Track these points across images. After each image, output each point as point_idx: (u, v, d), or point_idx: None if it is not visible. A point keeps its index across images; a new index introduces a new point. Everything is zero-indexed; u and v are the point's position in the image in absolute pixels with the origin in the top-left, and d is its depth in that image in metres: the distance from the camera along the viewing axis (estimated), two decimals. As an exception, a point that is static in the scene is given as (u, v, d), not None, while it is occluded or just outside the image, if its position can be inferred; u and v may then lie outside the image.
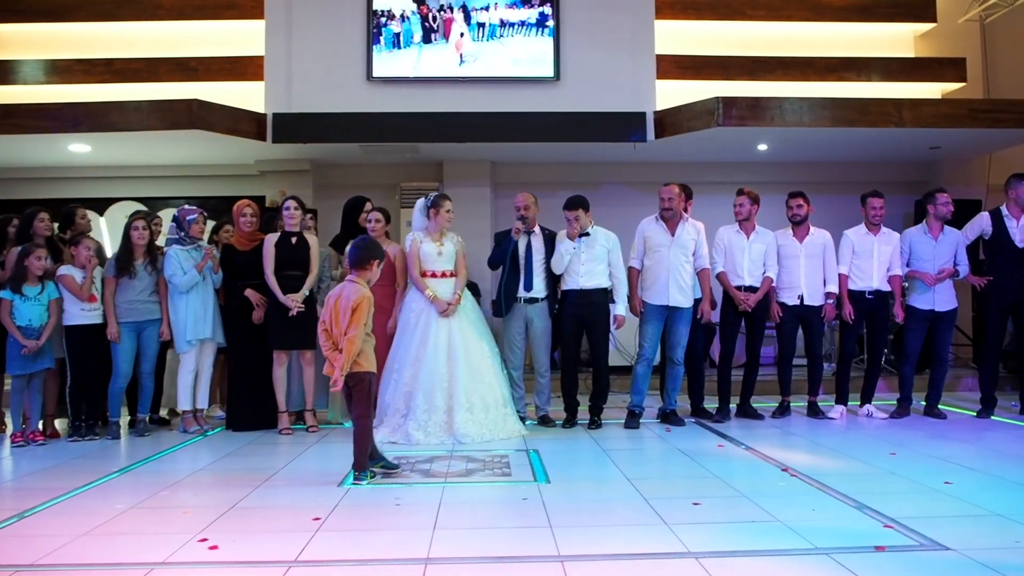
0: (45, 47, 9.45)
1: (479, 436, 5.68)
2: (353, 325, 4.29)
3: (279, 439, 5.91)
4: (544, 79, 8.84)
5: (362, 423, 4.40)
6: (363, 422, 4.40)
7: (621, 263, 6.27)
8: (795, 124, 8.29)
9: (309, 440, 5.86)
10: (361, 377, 4.38)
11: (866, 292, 6.52)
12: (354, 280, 4.44)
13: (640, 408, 6.27)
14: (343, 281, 6.46)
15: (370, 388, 4.47)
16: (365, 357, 4.41)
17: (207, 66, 9.32)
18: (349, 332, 4.28)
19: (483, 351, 5.97)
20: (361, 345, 4.37)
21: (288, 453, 5.33)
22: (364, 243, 4.65)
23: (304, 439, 5.89)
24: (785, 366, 6.67)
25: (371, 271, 4.49)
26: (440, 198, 6.12)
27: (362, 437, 4.40)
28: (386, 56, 8.83)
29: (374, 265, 4.50)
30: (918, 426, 6.11)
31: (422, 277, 6.02)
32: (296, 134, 8.80)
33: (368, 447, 4.43)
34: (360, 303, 4.33)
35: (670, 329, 6.27)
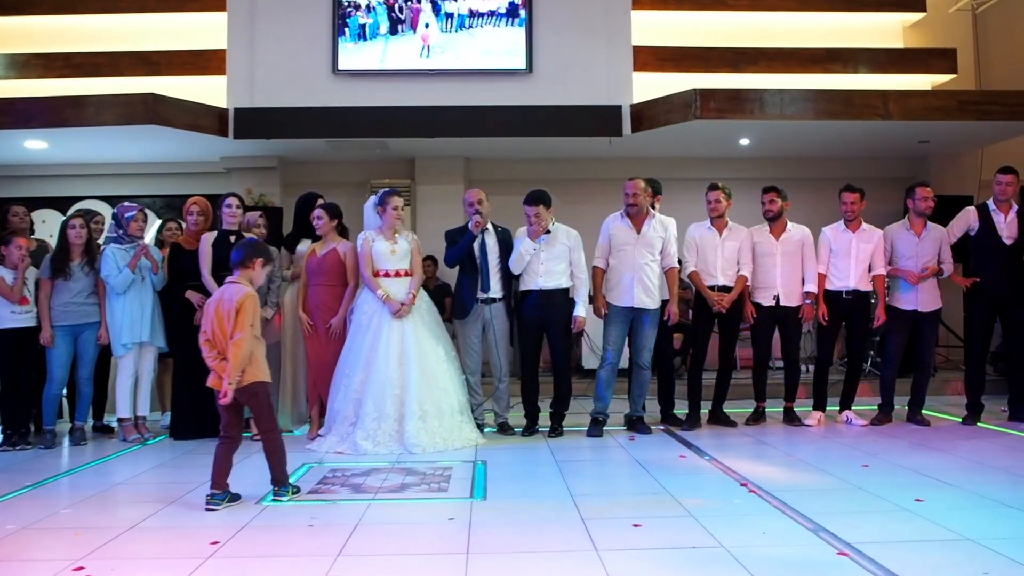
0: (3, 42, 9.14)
1: (431, 446, 5.34)
2: (238, 328, 3.90)
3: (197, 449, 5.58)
4: (516, 71, 8.50)
5: (271, 437, 4.04)
6: (272, 436, 4.04)
7: (583, 262, 5.93)
8: (776, 117, 7.94)
9: (252, 449, 5.48)
10: (254, 390, 3.99)
11: (843, 292, 6.16)
12: (235, 280, 4.06)
13: (603, 415, 5.92)
14: (292, 282, 6.31)
15: (268, 399, 4.09)
16: (256, 365, 4.01)
17: (169, 60, 9.00)
18: (235, 335, 3.90)
19: (438, 355, 5.64)
20: (250, 349, 3.95)
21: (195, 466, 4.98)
22: (249, 242, 4.32)
23: (246, 448, 5.50)
24: (760, 370, 6.32)
25: (254, 271, 4.10)
26: (388, 195, 5.79)
27: (275, 451, 4.04)
28: (352, 48, 8.50)
29: (257, 265, 4.11)
30: (898, 434, 5.75)
31: (375, 277, 5.69)
32: (259, 130, 8.48)
33: (284, 459, 4.06)
34: (244, 303, 3.93)
35: (636, 332, 5.93)
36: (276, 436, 4.05)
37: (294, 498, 4.07)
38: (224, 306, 3.93)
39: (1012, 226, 6.09)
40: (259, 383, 3.99)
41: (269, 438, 4.03)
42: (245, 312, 3.90)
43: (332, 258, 5.92)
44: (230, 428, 4.02)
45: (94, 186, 9.64)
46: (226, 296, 3.97)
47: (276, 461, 4.03)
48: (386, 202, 5.76)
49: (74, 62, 8.98)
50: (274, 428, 4.06)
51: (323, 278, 5.89)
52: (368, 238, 5.77)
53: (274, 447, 4.03)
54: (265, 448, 4.05)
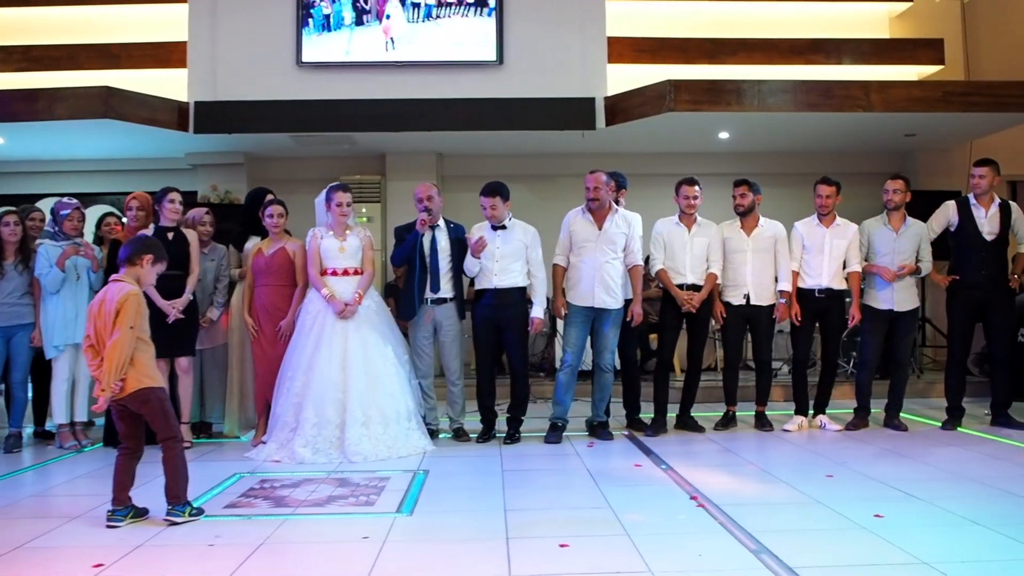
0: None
1: (374, 453, 5.06)
2: (117, 328, 3.58)
3: (154, 456, 5.27)
4: (486, 63, 8.20)
5: (169, 446, 3.71)
6: (171, 445, 3.71)
7: (540, 260, 5.64)
8: (753, 109, 7.62)
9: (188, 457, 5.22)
10: (144, 396, 3.66)
11: (816, 290, 5.85)
12: (119, 278, 3.75)
13: (563, 420, 5.62)
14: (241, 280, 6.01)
15: (162, 405, 3.73)
16: (143, 370, 3.68)
17: (129, 52, 8.73)
18: (113, 336, 3.60)
19: (386, 357, 5.35)
20: (130, 353, 3.62)
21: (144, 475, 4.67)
22: (140, 238, 4.00)
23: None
24: (730, 372, 6.02)
25: (141, 268, 3.78)
26: (334, 190, 5.50)
27: (172, 463, 3.71)
28: (316, 40, 8.21)
29: (145, 261, 3.78)
30: (872, 440, 5.44)
31: (323, 276, 5.41)
32: (220, 124, 8.19)
33: (183, 474, 3.73)
34: (125, 302, 3.61)
35: (597, 333, 5.63)
36: (175, 447, 3.72)
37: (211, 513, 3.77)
38: (107, 306, 3.62)
39: (993, 221, 5.77)
40: (148, 389, 3.66)
41: (167, 448, 3.70)
42: (126, 312, 3.59)
43: (281, 257, 5.63)
44: (128, 439, 3.73)
45: (55, 183, 9.33)
46: (108, 295, 3.66)
47: (173, 475, 3.69)
48: (330, 198, 5.48)
49: (32, 55, 8.71)
50: (172, 437, 3.72)
51: (271, 278, 5.60)
52: (316, 234, 5.48)
53: (172, 459, 3.70)
54: (163, 459, 3.73)
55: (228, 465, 4.95)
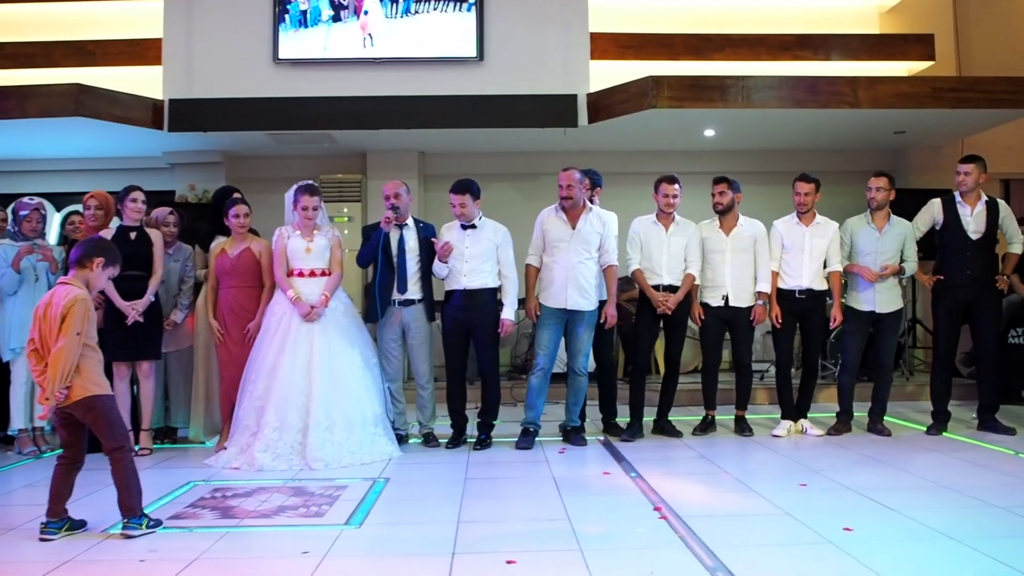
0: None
1: (337, 459, 4.90)
2: (63, 334, 3.41)
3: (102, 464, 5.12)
4: (466, 59, 8.02)
5: (117, 458, 3.56)
6: (119, 456, 3.55)
7: (511, 260, 5.48)
8: (737, 105, 7.44)
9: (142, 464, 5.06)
10: (90, 404, 3.49)
11: (796, 291, 5.67)
12: (67, 281, 3.58)
13: (535, 425, 5.45)
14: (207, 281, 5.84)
15: (109, 414, 3.55)
16: (89, 377, 3.50)
17: (105, 49, 8.56)
18: (58, 342, 3.42)
19: (352, 361, 5.19)
20: (76, 360, 3.44)
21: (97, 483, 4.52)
22: (93, 239, 3.83)
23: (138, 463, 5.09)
24: (709, 376, 5.85)
25: (92, 271, 3.61)
26: (301, 191, 5.34)
27: (122, 474, 3.55)
28: (292, 36, 8.05)
29: (96, 264, 3.61)
30: (853, 446, 5.27)
31: (289, 277, 5.25)
32: (195, 122, 8.03)
33: (134, 485, 3.57)
34: (72, 306, 3.44)
35: (570, 335, 5.47)
36: (123, 457, 3.56)
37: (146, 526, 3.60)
38: (52, 310, 3.46)
39: (979, 219, 5.60)
40: (94, 397, 3.51)
41: (115, 459, 3.55)
42: (73, 317, 3.43)
43: (246, 258, 5.47)
44: (68, 448, 3.58)
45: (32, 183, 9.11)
46: (55, 299, 3.50)
47: (124, 486, 3.53)
48: (297, 200, 5.33)
49: (6, 52, 8.55)
50: (120, 448, 3.57)
51: (237, 279, 5.44)
52: (283, 234, 5.33)
53: (121, 470, 3.55)
54: (112, 471, 3.57)
55: (184, 472, 4.79)
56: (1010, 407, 6.58)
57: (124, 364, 5.41)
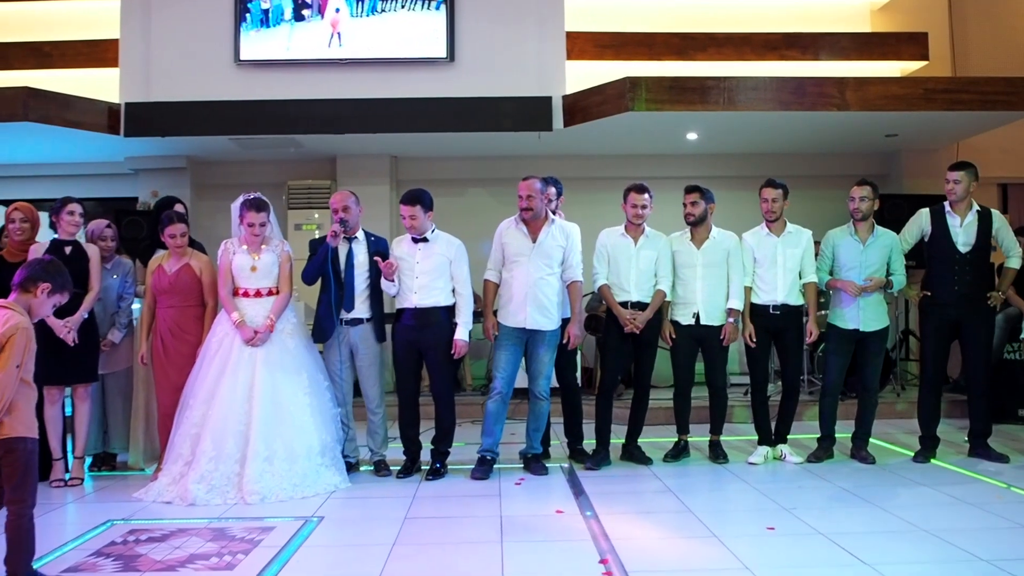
0: None
1: (276, 493, 4.54)
2: (0, 366, 3.07)
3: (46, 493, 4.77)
4: (436, 60, 7.67)
5: (19, 512, 3.11)
6: (21, 510, 3.11)
7: (466, 276, 5.10)
8: (719, 107, 7.07)
9: (66, 497, 4.75)
10: (13, 445, 3.11)
11: (770, 306, 5.29)
12: (7, 304, 3.21)
13: (492, 453, 5.09)
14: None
15: (29, 460, 3.16)
16: (19, 416, 3.13)
17: (63, 51, 8.23)
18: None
19: (298, 387, 4.83)
20: (12, 394, 3.09)
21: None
22: (40, 261, 3.47)
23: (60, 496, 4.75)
24: (681, 398, 5.47)
25: (35, 297, 3.25)
26: (247, 207, 4.98)
27: (17, 530, 3.12)
28: (254, 36, 7.70)
29: (41, 291, 3.26)
30: (833, 476, 4.89)
31: (234, 296, 4.89)
32: (153, 127, 7.68)
33: (28, 543, 3.16)
34: (13, 335, 3.09)
35: (530, 356, 5.10)
36: (24, 513, 3.11)
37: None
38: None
39: (969, 231, 5.21)
40: (21, 439, 3.12)
41: (13, 512, 3.12)
42: (12, 347, 3.05)
43: (186, 275, 5.12)
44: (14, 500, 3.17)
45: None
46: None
47: (15, 544, 3.11)
48: (242, 216, 4.96)
49: (-40, 54, 8.21)
50: (23, 501, 3.12)
51: (175, 298, 5.08)
52: (228, 249, 4.96)
53: (18, 526, 3.12)
54: (6, 524, 3.16)
55: (107, 508, 4.44)
56: (1006, 427, 6.21)
57: (56, 388, 5.06)
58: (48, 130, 7.37)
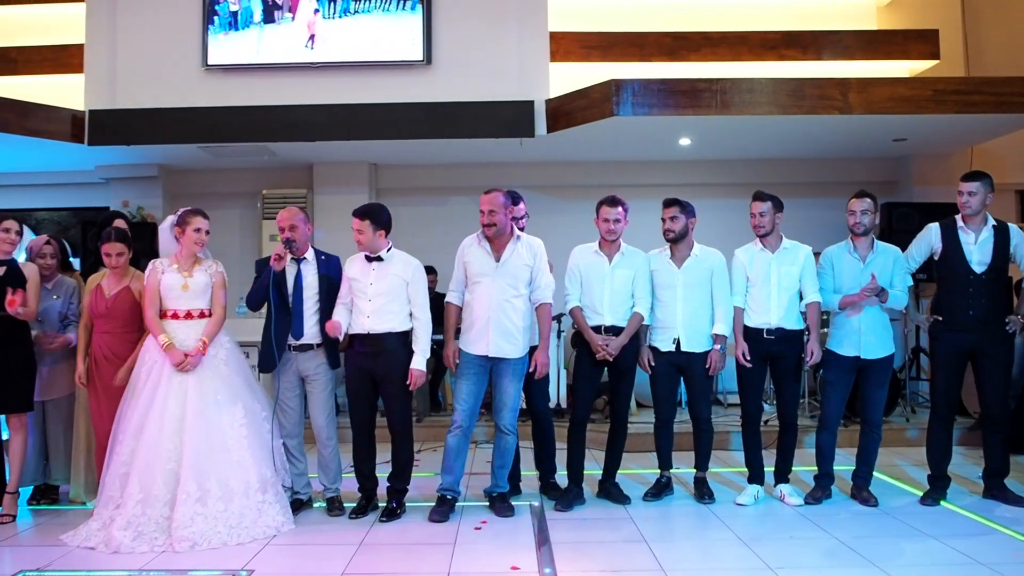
0: None
1: (208, 537, 4.12)
2: None
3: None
4: (412, 63, 7.25)
5: None
6: None
7: (424, 299, 4.66)
8: (710, 111, 6.62)
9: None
10: None
11: (764, 330, 4.82)
12: None
13: (452, 492, 4.64)
14: None
15: None
16: None
17: (28, 56, 7.91)
18: None
19: (234, 418, 4.41)
20: None
21: None
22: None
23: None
24: (663, 431, 5.01)
25: None
26: (189, 214, 4.56)
27: None
28: (223, 39, 7.32)
29: None
30: (830, 523, 4.40)
31: (163, 319, 4.48)
32: (118, 135, 7.33)
33: None
34: None
35: (495, 387, 4.66)
36: None
37: None
38: None
39: (984, 248, 4.69)
40: None
41: None
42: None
43: (124, 299, 4.71)
44: None
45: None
46: None
47: None
48: (186, 223, 4.54)
49: (-77, 60, 7.88)
50: None
51: (112, 323, 4.69)
52: (157, 268, 4.55)
53: None
54: None
55: (23, 553, 4.06)
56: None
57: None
58: (8, 139, 7.04)
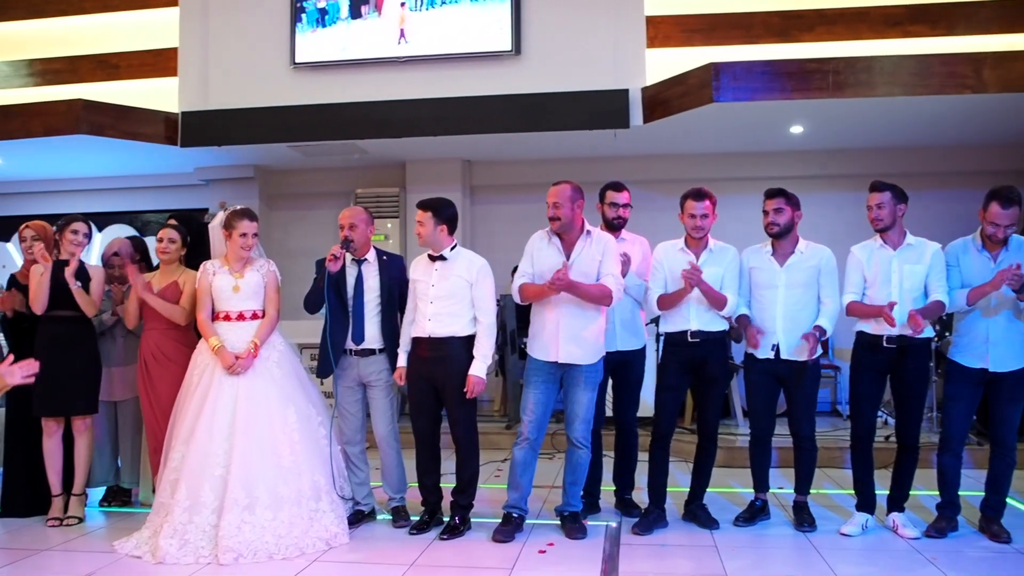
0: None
1: (255, 549, 3.93)
2: None
3: (40, 532, 4.46)
4: (500, 54, 6.94)
5: None
6: None
7: (488, 302, 4.32)
8: (822, 95, 5.98)
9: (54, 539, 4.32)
10: None
11: (884, 338, 4.21)
12: None
13: (518, 510, 4.28)
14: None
15: None
16: None
17: (129, 62, 8.03)
18: None
19: (285, 422, 4.22)
20: None
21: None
22: None
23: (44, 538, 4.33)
24: (758, 449, 4.48)
25: None
26: (235, 217, 4.40)
27: None
28: (310, 37, 7.23)
29: None
30: (953, 564, 3.77)
31: (215, 321, 4.34)
32: (208, 136, 7.36)
33: None
34: None
35: (566, 396, 4.27)
36: None
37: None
38: None
39: None
40: None
41: None
42: None
43: (171, 295, 4.64)
44: None
45: (67, 203, 8.78)
46: None
47: None
48: (232, 225, 4.39)
49: (35, 70, 8.19)
50: None
51: (160, 321, 4.62)
52: (208, 270, 4.42)
53: None
54: None
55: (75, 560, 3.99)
56: None
57: (53, 420, 4.67)
58: (112, 144, 7.20)
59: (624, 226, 4.65)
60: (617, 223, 4.57)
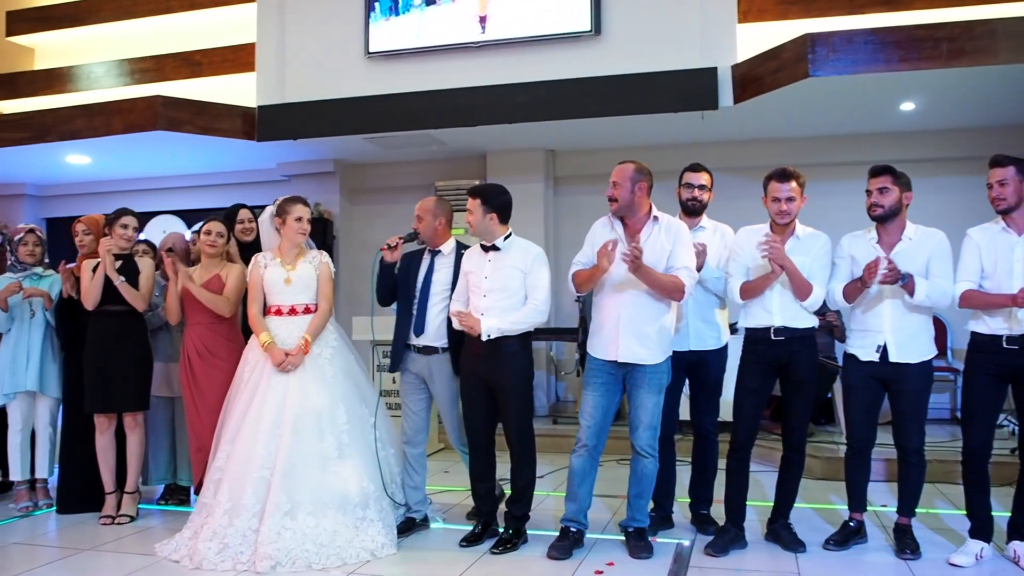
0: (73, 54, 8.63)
1: (294, 557, 3.69)
2: None
3: (92, 530, 4.38)
4: (579, 35, 6.54)
5: None
6: None
7: (543, 287, 3.95)
8: (933, 64, 5.31)
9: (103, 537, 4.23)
10: None
11: (1004, 338, 3.60)
12: None
13: (576, 524, 3.88)
14: None
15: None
16: None
17: (210, 59, 8.05)
18: None
19: (334, 423, 3.97)
20: None
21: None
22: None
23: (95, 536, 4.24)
24: (856, 461, 3.92)
25: None
26: (288, 202, 4.20)
27: None
28: (384, 26, 7.02)
29: None
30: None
31: (265, 315, 4.14)
32: (283, 130, 7.27)
33: None
34: None
35: (629, 400, 3.85)
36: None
37: None
38: None
39: None
40: None
41: None
42: None
43: (215, 288, 4.48)
44: None
45: (150, 201, 8.94)
46: None
47: None
48: (286, 211, 4.19)
49: (126, 69, 8.32)
50: None
51: (204, 315, 4.47)
52: (259, 262, 4.22)
53: None
54: None
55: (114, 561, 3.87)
56: None
57: (105, 416, 4.59)
58: (187, 139, 7.23)
59: (703, 211, 4.20)
60: (692, 206, 4.13)
